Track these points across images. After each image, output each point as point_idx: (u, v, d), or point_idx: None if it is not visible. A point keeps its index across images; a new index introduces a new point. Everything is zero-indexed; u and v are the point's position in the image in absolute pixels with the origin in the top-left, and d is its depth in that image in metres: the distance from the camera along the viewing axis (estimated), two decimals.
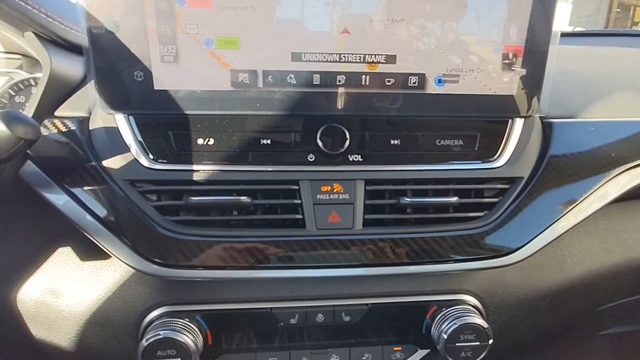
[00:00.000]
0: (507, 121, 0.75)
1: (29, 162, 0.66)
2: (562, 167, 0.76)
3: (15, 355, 0.93)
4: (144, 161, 0.67)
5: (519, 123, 0.75)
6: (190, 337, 0.68)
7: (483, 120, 0.74)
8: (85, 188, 0.65)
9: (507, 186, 0.74)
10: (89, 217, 0.65)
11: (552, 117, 0.79)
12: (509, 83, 0.71)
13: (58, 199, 0.65)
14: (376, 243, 0.68)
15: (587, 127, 0.80)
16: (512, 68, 0.70)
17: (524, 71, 0.70)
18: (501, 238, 0.72)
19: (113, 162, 0.67)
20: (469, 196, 0.73)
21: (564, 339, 1.70)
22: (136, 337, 0.72)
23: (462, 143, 0.74)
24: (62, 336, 0.73)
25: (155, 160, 0.68)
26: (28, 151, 0.65)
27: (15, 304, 0.72)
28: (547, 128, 0.78)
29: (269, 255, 0.67)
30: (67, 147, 0.67)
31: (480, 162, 0.74)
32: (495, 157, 0.74)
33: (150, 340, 0.66)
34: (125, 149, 0.67)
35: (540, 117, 0.78)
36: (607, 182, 0.77)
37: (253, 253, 0.66)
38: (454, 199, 0.71)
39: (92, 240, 0.66)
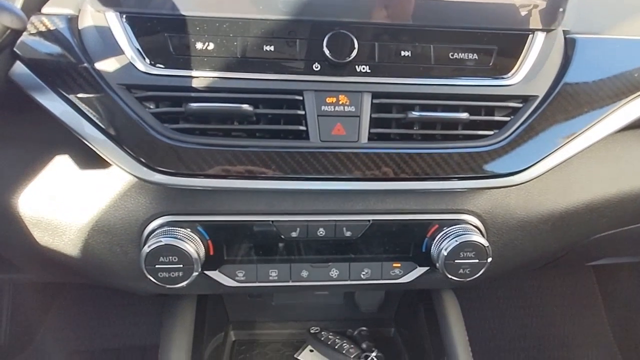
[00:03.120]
0: (528, 35, 0.70)
1: (18, 63, 0.63)
2: (580, 87, 0.72)
3: (26, 264, 0.96)
4: (140, 65, 0.64)
5: (540, 37, 0.70)
6: (191, 246, 0.69)
7: (501, 34, 0.69)
8: (79, 91, 0.63)
9: (520, 105, 0.71)
10: (83, 122, 0.63)
11: (576, 32, 0.74)
12: None
13: (51, 103, 0.63)
14: (381, 157, 0.67)
15: (611, 45, 0.75)
16: None
17: None
18: (508, 158, 0.70)
19: (107, 65, 0.63)
20: (479, 114, 0.70)
21: (552, 269, 1.76)
22: (139, 245, 0.72)
23: (476, 57, 0.70)
24: (67, 242, 0.74)
25: (152, 64, 0.64)
26: (17, 51, 0.62)
27: (16, 210, 0.72)
28: (570, 45, 0.73)
29: (271, 166, 0.65)
30: (56, 47, 0.63)
31: (494, 78, 0.70)
32: (511, 73, 0.70)
33: (152, 247, 0.67)
34: (119, 51, 0.63)
35: (563, 31, 0.73)
36: (623, 105, 0.74)
37: (255, 163, 0.65)
38: (464, 115, 0.68)
39: (89, 147, 0.64)
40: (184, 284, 0.70)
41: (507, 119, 0.71)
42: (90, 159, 0.69)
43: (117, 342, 1.63)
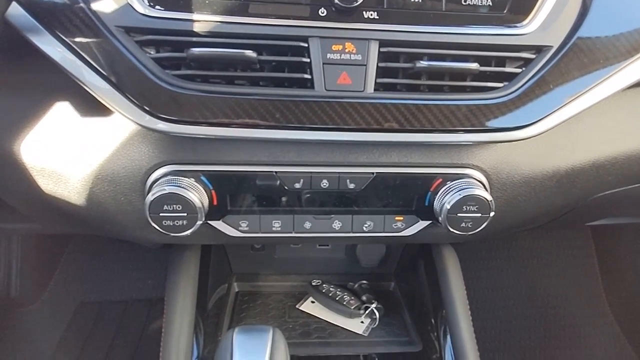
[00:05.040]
0: None
1: (14, 3, 0.61)
2: (597, 39, 0.69)
3: (32, 213, 0.96)
4: (138, 7, 0.61)
5: None
6: (195, 195, 0.69)
7: None
8: (76, 34, 0.61)
9: (532, 56, 0.68)
10: (83, 68, 0.62)
11: None
12: None
13: (48, 47, 0.61)
14: (387, 108, 0.65)
15: None
16: None
17: None
18: (517, 111, 0.69)
19: (104, 6, 0.61)
20: (490, 65, 0.68)
21: (551, 230, 1.78)
22: (143, 194, 0.72)
23: (490, 4, 0.67)
24: (71, 191, 0.74)
25: (152, 6, 0.62)
26: None
27: (19, 157, 0.72)
28: None
29: (275, 114, 0.64)
30: None
31: (508, 27, 0.68)
32: (526, 22, 0.68)
33: (156, 195, 0.67)
34: None
35: None
36: (637, 60, 0.71)
37: (258, 111, 0.64)
38: (474, 65, 0.66)
39: (90, 94, 0.63)
40: (188, 232, 0.70)
41: (519, 70, 0.69)
42: (91, 106, 0.68)
43: (124, 295, 1.69)
